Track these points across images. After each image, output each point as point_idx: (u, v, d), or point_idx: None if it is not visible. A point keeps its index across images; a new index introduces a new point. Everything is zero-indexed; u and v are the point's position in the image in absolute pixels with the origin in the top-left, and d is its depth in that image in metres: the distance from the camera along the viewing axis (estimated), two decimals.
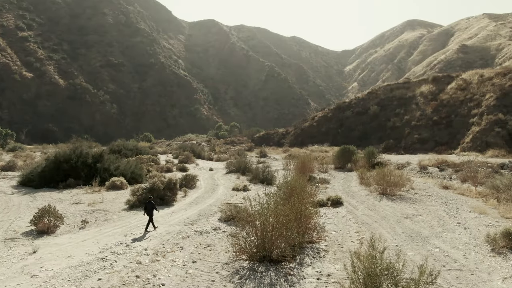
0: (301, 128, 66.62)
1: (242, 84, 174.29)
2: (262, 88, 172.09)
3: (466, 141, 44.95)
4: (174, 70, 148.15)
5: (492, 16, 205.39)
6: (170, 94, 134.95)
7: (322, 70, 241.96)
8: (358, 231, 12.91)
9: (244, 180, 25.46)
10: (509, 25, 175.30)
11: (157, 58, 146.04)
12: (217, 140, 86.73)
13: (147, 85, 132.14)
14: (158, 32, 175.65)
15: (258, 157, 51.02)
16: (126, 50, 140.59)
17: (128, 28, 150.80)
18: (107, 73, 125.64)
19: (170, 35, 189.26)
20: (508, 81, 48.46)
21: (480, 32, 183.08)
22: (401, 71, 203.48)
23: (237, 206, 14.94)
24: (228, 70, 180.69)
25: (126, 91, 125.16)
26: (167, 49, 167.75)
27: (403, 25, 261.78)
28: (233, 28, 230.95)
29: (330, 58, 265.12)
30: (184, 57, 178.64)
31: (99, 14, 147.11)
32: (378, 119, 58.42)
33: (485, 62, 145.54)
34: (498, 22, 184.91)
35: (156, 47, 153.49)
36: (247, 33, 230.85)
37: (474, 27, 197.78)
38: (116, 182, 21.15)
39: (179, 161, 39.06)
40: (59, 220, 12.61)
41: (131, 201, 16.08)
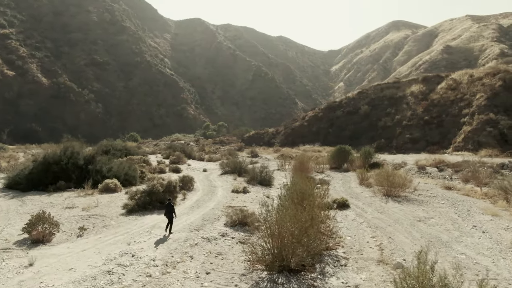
0: (292, 127, 66.13)
1: (229, 83, 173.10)
2: (249, 87, 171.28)
3: (458, 141, 45.07)
4: (160, 69, 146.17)
5: (475, 17, 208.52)
6: (157, 93, 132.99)
7: (308, 70, 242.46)
8: (374, 236, 12.31)
9: (241, 182, 24.68)
10: (491, 26, 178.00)
11: (143, 57, 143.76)
12: (205, 140, 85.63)
13: (133, 84, 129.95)
14: (144, 31, 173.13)
15: (249, 157, 50.27)
16: (111, 49, 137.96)
17: (113, 26, 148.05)
18: (92, 71, 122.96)
19: (156, 34, 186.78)
20: (498, 81, 48.81)
21: (463, 33, 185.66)
22: (386, 71, 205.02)
23: (243, 210, 14.19)
24: (215, 69, 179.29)
25: (111, 90, 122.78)
26: (153, 47, 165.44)
27: (388, 26, 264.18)
28: (220, 27, 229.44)
29: (316, 58, 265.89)
30: (170, 56, 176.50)
31: (83, 12, 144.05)
32: (369, 118, 58.33)
33: (469, 62, 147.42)
34: (480, 23, 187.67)
35: (142, 45, 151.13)
36: (234, 33, 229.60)
37: (458, 28, 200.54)
38: (109, 185, 20.13)
39: (170, 162, 38.02)
40: (55, 228, 11.64)
41: (129, 205, 15.16)
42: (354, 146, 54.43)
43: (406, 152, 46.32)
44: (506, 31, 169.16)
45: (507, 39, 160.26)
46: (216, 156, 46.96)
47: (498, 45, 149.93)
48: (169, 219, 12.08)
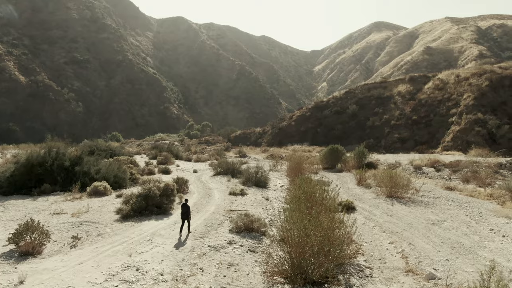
0: (279, 127, 65.44)
1: (213, 83, 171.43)
2: (233, 87, 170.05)
3: (446, 140, 45.15)
4: (142, 68, 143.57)
5: (454, 19, 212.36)
6: (139, 92, 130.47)
7: (292, 69, 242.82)
8: (392, 242, 11.58)
9: (236, 183, 23.75)
10: (470, 28, 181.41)
11: (125, 55, 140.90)
12: (190, 140, 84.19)
13: (115, 83, 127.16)
14: (125, 29, 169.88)
15: (237, 157, 49.32)
16: (92, 47, 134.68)
17: (93, 24, 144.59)
18: (72, 70, 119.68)
19: (137, 32, 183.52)
20: (484, 81, 49.19)
21: (443, 35, 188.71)
22: (369, 72, 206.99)
23: (248, 215, 13.28)
24: (198, 68, 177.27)
25: (92, 89, 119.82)
26: (135, 46, 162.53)
27: (370, 27, 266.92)
28: (203, 26, 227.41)
29: (299, 58, 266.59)
30: (153, 55, 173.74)
31: (63, 9, 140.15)
32: (357, 118, 58.12)
33: (449, 63, 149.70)
34: (460, 25, 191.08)
35: (124, 43, 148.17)
36: (217, 32, 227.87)
37: (438, 30, 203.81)
38: (99, 188, 18.90)
39: (158, 163, 36.77)
40: (45, 237, 10.48)
41: (123, 210, 14.02)
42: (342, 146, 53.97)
43: (395, 152, 46.15)
44: (484, 33, 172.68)
45: (485, 41, 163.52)
46: (204, 156, 45.83)
47: (477, 47, 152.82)
48: (187, 220, 11.99)
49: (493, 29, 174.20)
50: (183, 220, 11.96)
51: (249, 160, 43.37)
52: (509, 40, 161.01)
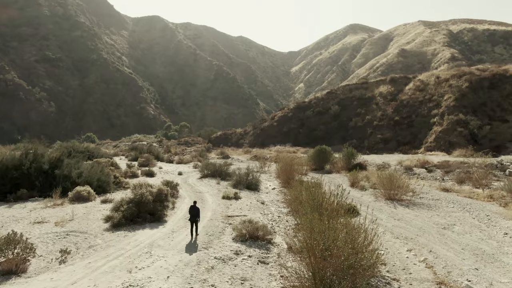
0: (261, 128, 64.64)
1: (190, 83, 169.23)
2: (210, 87, 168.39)
3: (429, 141, 45.45)
4: (118, 67, 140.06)
5: (427, 23, 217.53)
6: (114, 92, 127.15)
7: (269, 70, 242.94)
8: (410, 250, 10.87)
9: (227, 186, 22.72)
10: (442, 32, 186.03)
11: (99, 54, 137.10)
12: (169, 141, 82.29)
13: (89, 83, 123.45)
14: (99, 27, 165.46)
15: (220, 159, 48.21)
16: (64, 45, 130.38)
17: (66, 21, 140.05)
18: (43, 68, 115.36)
19: (112, 31, 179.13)
20: (464, 82, 49.88)
21: (417, 38, 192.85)
22: (345, 73, 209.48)
23: (252, 222, 12.33)
24: (175, 68, 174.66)
25: (65, 88, 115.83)
26: (110, 45, 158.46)
27: (346, 29, 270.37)
28: (179, 26, 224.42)
29: (276, 59, 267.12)
30: (128, 54, 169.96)
31: (33, 5, 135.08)
32: (339, 119, 57.98)
33: (423, 66, 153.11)
34: (432, 29, 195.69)
35: (98, 42, 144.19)
36: (194, 31, 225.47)
37: (411, 33, 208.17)
38: (82, 193, 17.51)
39: (139, 165, 35.26)
40: (30, 252, 9.21)
41: (114, 218, 12.78)
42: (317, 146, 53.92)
43: (378, 152, 46.08)
44: (456, 37, 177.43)
45: (456, 44, 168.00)
46: (187, 157, 44.46)
47: (449, 50, 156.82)
48: (195, 222, 11.75)
49: (464, 33, 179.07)
50: (192, 222, 11.72)
51: (233, 162, 42.30)
52: (479, 44, 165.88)
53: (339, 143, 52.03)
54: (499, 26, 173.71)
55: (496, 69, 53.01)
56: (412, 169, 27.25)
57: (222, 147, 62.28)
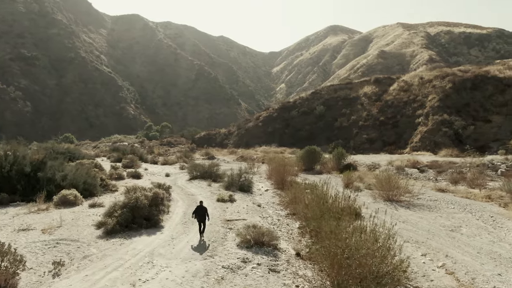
0: (245, 128, 64.01)
1: (171, 82, 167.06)
2: (192, 87, 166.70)
3: (415, 141, 45.77)
4: (96, 66, 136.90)
5: (405, 25, 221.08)
6: (93, 91, 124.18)
7: (250, 70, 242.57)
8: (425, 254, 10.42)
9: (219, 188, 21.98)
10: (420, 34, 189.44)
11: (77, 53, 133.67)
12: (150, 141, 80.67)
13: (67, 82, 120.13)
14: (77, 25, 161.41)
15: (205, 159, 47.33)
16: (41, 43, 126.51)
17: (42, 19, 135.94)
18: (19, 67, 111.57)
19: (90, 29, 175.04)
20: (447, 83, 50.51)
21: (396, 40, 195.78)
22: (326, 74, 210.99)
23: (255, 227, 11.68)
24: (155, 68, 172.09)
25: (41, 87, 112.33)
26: (88, 43, 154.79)
27: (327, 30, 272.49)
28: (160, 25, 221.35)
29: (258, 59, 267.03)
30: (107, 53, 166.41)
31: (8, 1, 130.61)
32: (324, 119, 57.90)
33: (402, 67, 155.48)
34: (411, 31, 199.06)
35: (76, 40, 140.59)
36: (175, 31, 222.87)
37: (390, 35, 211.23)
38: (68, 197, 16.47)
39: (123, 166, 34.05)
40: (20, 265, 8.30)
41: (108, 224, 11.89)
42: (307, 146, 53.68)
43: (364, 152, 46.08)
44: (433, 39, 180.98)
45: (434, 46, 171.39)
46: (172, 158, 43.40)
47: (427, 52, 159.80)
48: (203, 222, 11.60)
49: (441, 35, 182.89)
50: (200, 222, 11.60)
51: (219, 163, 41.43)
52: (456, 46, 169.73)
53: (324, 144, 51.91)
54: (474, 29, 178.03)
55: (478, 70, 53.93)
56: (403, 169, 27.09)
57: (207, 148, 61.33)
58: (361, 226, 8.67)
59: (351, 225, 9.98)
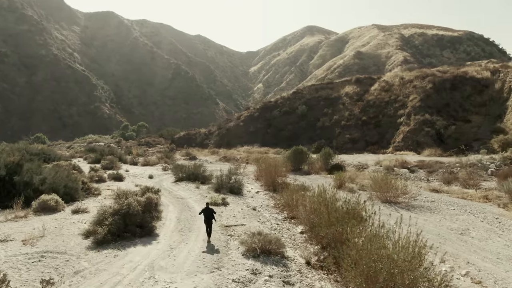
0: (226, 128, 62.98)
1: (147, 82, 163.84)
2: (168, 86, 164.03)
3: (397, 140, 45.97)
4: (69, 64, 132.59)
5: (380, 27, 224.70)
6: (66, 90, 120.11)
7: (228, 70, 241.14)
8: (443, 261, 9.84)
9: (209, 191, 21.02)
10: (395, 35, 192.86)
11: (49, 50, 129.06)
12: (127, 141, 78.49)
13: (38, 80, 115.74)
14: (48, 21, 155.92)
15: (186, 160, 46.12)
16: (10, 39, 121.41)
17: (11, 14, 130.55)
18: None
19: (62, 25, 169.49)
20: (428, 83, 51.08)
21: (371, 41, 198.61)
22: (303, 74, 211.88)
23: (261, 234, 10.87)
24: (131, 66, 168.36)
25: (11, 85, 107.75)
26: (60, 40, 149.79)
27: (303, 30, 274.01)
28: (135, 23, 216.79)
29: (235, 58, 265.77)
30: (80, 51, 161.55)
31: None
32: (306, 118, 57.58)
33: (378, 68, 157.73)
34: (386, 32, 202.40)
35: (47, 37, 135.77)
36: (151, 29, 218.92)
37: (366, 36, 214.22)
38: (48, 202, 15.18)
39: (103, 167, 32.53)
40: (3, 286, 7.19)
41: (98, 233, 10.79)
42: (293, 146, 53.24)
43: (347, 152, 45.91)
44: (407, 41, 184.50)
45: (408, 48, 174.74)
46: (153, 159, 41.96)
47: (402, 53, 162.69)
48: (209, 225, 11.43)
49: (415, 37, 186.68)
50: (207, 224, 11.46)
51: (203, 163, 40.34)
52: (429, 48, 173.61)
53: (307, 143, 51.44)
54: (446, 32, 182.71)
55: (456, 71, 54.81)
56: (393, 170, 26.83)
57: (187, 148, 60.01)
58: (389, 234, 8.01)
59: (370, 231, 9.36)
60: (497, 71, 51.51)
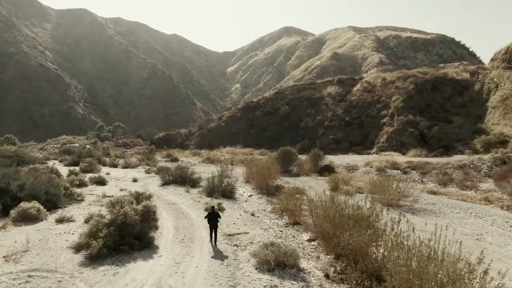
0: (208, 128, 61.72)
1: (123, 81, 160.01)
2: (145, 86, 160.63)
3: (381, 141, 45.98)
4: (41, 62, 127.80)
5: (356, 29, 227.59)
6: (38, 89, 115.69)
7: (205, 70, 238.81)
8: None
9: (200, 195, 19.96)
10: (370, 37, 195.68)
11: (19, 47, 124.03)
12: (103, 142, 76.00)
13: (7, 78, 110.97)
14: (18, 17, 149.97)
15: (167, 161, 44.71)
16: None
17: None
18: None
19: (33, 22, 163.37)
20: (410, 84, 51.44)
21: (348, 42, 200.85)
22: (281, 74, 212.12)
23: (273, 244, 9.99)
24: (105, 65, 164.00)
25: None
26: (31, 37, 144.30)
27: (281, 31, 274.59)
28: (109, 21, 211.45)
29: (212, 58, 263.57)
30: (52, 49, 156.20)
31: None
32: (289, 119, 57.03)
33: (354, 69, 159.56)
34: (361, 34, 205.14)
35: (17, 34, 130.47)
36: (126, 27, 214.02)
37: (342, 38, 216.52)
38: (29, 211, 13.82)
39: (82, 170, 30.82)
40: None
41: (93, 247, 9.61)
42: (276, 147, 52.32)
43: (331, 153, 45.50)
44: (382, 43, 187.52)
45: (383, 50, 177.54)
46: (133, 161, 40.36)
47: (378, 55, 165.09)
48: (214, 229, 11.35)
49: (389, 39, 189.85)
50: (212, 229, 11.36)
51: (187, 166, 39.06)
52: (403, 50, 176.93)
53: (290, 144, 50.63)
54: (420, 34, 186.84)
55: (436, 72, 55.52)
56: (385, 171, 26.46)
57: (167, 149, 58.47)
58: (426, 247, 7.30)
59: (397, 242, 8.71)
60: (475, 73, 52.46)
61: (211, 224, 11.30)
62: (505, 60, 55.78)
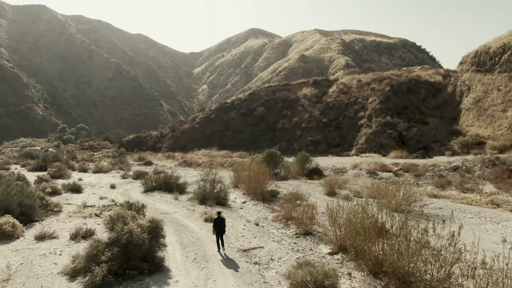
0: (181, 130, 59.49)
1: (85, 81, 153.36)
2: (108, 86, 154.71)
3: (360, 142, 45.75)
4: None
5: (322, 32, 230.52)
6: None
7: (171, 70, 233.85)
8: None
9: (192, 203, 18.34)
10: (336, 40, 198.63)
11: None
12: (67, 145, 71.87)
13: None
14: None
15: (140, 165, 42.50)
16: None
17: None
18: None
19: None
20: (385, 86, 51.69)
21: (314, 45, 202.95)
22: (248, 76, 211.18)
23: (309, 264, 8.70)
24: (66, 64, 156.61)
25: None
26: None
27: (247, 33, 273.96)
28: (70, 18, 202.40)
29: (178, 59, 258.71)
30: (8, 46, 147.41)
31: None
32: (265, 120, 55.96)
33: (321, 71, 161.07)
34: (328, 37, 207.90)
35: None
36: (88, 26, 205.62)
37: (309, 40, 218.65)
38: (3, 227, 11.79)
39: (51, 176, 28.26)
40: None
41: (96, 275, 7.91)
42: (253, 149, 51.29)
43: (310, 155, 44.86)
44: (348, 46, 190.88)
45: (349, 52, 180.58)
46: (105, 165, 37.77)
47: (344, 57, 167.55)
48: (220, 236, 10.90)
49: (355, 42, 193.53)
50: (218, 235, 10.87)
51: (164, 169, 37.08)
52: (368, 53, 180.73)
53: (267, 146, 49.78)
54: (383, 39, 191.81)
55: (410, 74, 56.33)
56: (377, 173, 25.79)
57: (137, 152, 55.90)
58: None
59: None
60: (447, 76, 53.57)
61: (218, 230, 10.79)
62: (474, 63, 57.49)
